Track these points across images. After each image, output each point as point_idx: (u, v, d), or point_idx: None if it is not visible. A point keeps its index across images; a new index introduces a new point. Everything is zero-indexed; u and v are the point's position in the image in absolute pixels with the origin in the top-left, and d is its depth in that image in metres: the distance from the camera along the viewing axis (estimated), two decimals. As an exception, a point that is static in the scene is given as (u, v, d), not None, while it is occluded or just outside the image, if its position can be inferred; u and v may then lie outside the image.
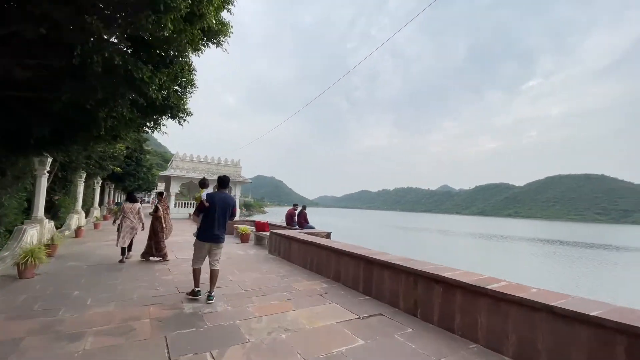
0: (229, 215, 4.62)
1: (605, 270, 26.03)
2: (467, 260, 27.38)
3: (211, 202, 4.45)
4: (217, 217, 4.44)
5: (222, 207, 4.49)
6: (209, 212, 4.43)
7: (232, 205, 4.67)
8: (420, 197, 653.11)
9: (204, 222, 4.50)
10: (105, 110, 5.19)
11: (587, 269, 25.92)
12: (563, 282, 19.77)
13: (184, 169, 25.20)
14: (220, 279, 5.52)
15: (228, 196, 4.68)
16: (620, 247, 47.79)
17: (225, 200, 4.56)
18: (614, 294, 17.06)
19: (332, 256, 5.66)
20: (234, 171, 27.72)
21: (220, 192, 4.64)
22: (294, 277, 5.83)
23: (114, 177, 23.35)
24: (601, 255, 35.98)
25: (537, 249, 40.96)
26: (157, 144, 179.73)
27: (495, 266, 24.32)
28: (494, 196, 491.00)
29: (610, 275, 24.02)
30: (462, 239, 51.62)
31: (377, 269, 4.60)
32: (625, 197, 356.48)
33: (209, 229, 4.44)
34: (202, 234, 4.49)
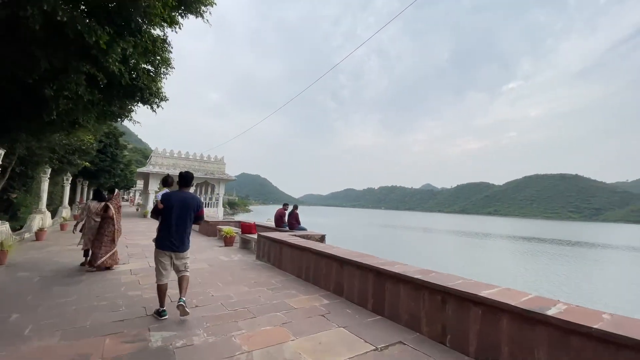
0: (191, 218, 3.92)
1: (597, 269, 26.52)
2: (456, 259, 27.31)
3: (167, 203, 3.79)
4: (176, 221, 3.76)
5: (181, 210, 3.81)
6: (165, 215, 3.79)
7: (195, 207, 3.95)
8: (404, 196, 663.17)
9: (161, 227, 3.85)
10: (54, 88, 4.16)
11: (579, 267, 26.38)
12: (558, 282, 19.80)
13: (163, 166, 23.79)
14: (201, 294, 4.63)
15: (190, 196, 3.96)
16: (599, 244, 49.79)
17: (185, 201, 3.86)
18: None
19: (333, 265, 4.86)
20: (218, 168, 26.48)
21: (180, 192, 3.94)
22: (287, 289, 4.99)
23: (87, 174, 21.66)
24: (581, 253, 37.10)
25: (520, 246, 41.87)
26: (138, 140, 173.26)
27: (486, 265, 24.29)
28: (475, 195, 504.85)
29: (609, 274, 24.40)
30: (449, 237, 52.20)
31: (391, 283, 3.84)
32: (597, 196, 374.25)
33: (167, 236, 3.77)
34: (160, 241, 3.81)
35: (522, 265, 26.18)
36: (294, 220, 8.97)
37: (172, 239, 3.74)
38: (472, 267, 23.32)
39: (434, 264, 22.73)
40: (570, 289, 17.85)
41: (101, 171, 20.94)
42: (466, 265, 23.85)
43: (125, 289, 4.93)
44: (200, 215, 4.06)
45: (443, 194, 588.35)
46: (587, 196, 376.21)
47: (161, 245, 3.78)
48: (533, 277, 20.95)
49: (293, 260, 6.00)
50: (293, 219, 8.97)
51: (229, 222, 12.63)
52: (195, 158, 25.74)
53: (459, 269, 21.51)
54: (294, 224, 8.95)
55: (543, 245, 43.46)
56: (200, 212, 4.04)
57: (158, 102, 5.97)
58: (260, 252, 7.41)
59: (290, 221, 9.01)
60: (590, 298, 15.99)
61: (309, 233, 8.21)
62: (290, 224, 9.03)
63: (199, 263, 6.91)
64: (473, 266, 23.70)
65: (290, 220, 9.01)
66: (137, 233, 12.39)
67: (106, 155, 20.72)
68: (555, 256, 32.72)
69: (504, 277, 19.59)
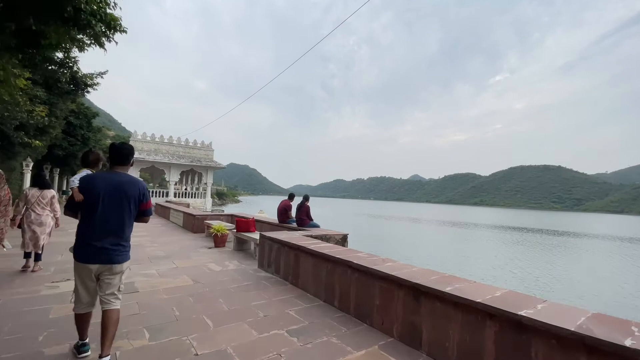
0: (132, 213, 2.55)
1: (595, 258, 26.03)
2: (450, 250, 26.13)
3: (90, 191, 2.42)
4: (102, 218, 2.40)
5: (112, 200, 2.44)
6: (87, 210, 2.42)
7: (136, 197, 2.54)
8: (393, 186, 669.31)
9: (81, 227, 2.45)
10: None
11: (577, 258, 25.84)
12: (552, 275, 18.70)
13: (143, 151, 21.32)
14: (174, 349, 2.67)
15: (128, 180, 2.55)
16: (587, 234, 50.61)
17: (119, 188, 2.47)
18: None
19: (397, 295, 2.98)
20: (205, 155, 24.17)
21: (110, 173, 2.55)
22: (321, 332, 3.08)
23: (54, 160, 19.07)
24: (571, 243, 37.03)
25: (510, 236, 41.60)
26: (122, 129, 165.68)
27: (489, 258, 23.17)
28: (462, 185, 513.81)
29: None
30: (442, 229, 51.67)
31: (544, 343, 1.99)
32: (579, 187, 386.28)
33: (89, 240, 2.39)
34: (78, 249, 2.42)
35: (517, 257, 25.29)
36: (304, 215, 7.02)
37: (96, 244, 2.36)
38: (476, 260, 22.14)
39: (430, 258, 21.79)
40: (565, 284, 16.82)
41: (71, 156, 18.41)
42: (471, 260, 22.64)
43: (53, 307, 2.93)
44: (146, 210, 2.66)
45: (431, 184, 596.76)
46: (569, 187, 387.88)
47: (80, 254, 2.40)
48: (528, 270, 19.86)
49: (318, 275, 4.10)
50: (303, 214, 7.02)
51: (219, 215, 10.61)
52: (180, 143, 23.30)
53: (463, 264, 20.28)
54: (304, 220, 7.00)
55: (534, 236, 43.51)
56: (146, 205, 2.63)
57: (110, 33, 3.85)
58: (264, 258, 5.48)
59: (299, 216, 7.05)
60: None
61: (326, 232, 6.30)
62: (299, 220, 7.07)
63: (180, 276, 4.93)
64: (476, 259, 22.52)
65: (299, 215, 7.05)
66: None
67: (76, 138, 18.15)
68: (548, 247, 32.31)
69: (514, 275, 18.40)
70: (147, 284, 4.50)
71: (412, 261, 18.81)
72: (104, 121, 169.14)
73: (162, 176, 24.10)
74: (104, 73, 13.35)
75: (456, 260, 21.56)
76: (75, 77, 12.55)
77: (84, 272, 2.40)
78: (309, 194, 8.19)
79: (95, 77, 13.17)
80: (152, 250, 7.02)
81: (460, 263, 20.54)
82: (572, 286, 16.28)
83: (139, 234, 9.25)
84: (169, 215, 13.92)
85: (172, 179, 22.29)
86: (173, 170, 22.31)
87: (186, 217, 11.05)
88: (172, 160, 21.94)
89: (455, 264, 19.88)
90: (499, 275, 17.45)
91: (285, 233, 5.78)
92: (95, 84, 13.22)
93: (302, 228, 6.88)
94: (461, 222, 65.57)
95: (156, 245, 7.59)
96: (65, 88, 12.04)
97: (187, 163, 22.44)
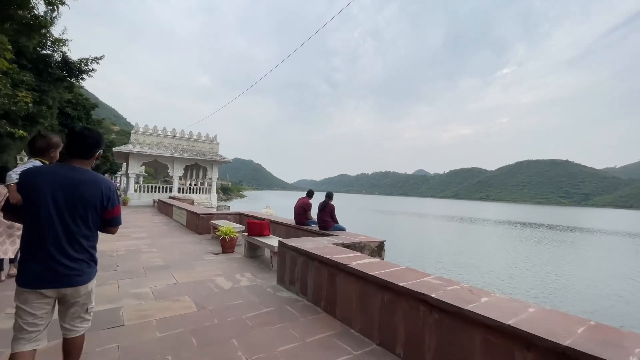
0: (92, 222, 1.80)
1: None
2: (470, 246, 24.94)
3: (31, 190, 1.69)
4: (52, 226, 1.68)
5: (65, 205, 1.71)
6: (30, 214, 1.70)
7: (97, 201, 1.80)
8: (397, 181, 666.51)
9: (24, 239, 1.73)
10: None
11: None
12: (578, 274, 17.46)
13: (145, 144, 20.33)
14: None
15: (87, 179, 1.78)
16: (602, 230, 49.21)
17: (75, 188, 1.73)
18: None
19: (514, 355, 1.85)
20: (210, 148, 23.13)
21: (65, 168, 1.77)
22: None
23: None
24: (591, 240, 35.69)
25: (530, 232, 40.28)
26: (127, 124, 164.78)
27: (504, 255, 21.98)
28: (467, 180, 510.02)
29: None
30: (451, 224, 50.45)
31: None
32: (587, 181, 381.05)
33: (35, 257, 1.68)
34: (23, 270, 1.69)
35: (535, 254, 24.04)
36: (327, 217, 5.89)
37: (45, 262, 1.68)
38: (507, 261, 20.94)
39: (450, 258, 20.69)
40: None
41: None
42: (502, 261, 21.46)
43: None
44: (111, 219, 1.91)
45: (435, 179, 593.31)
46: (577, 181, 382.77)
47: (24, 277, 1.69)
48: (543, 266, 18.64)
49: (367, 306, 2.98)
50: (327, 215, 5.88)
51: (226, 214, 9.53)
52: (184, 136, 22.25)
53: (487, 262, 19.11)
54: (328, 222, 5.87)
55: (548, 232, 42.25)
56: (111, 213, 1.88)
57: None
58: (285, 272, 4.38)
59: (322, 217, 5.92)
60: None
61: (358, 238, 5.15)
62: (322, 222, 5.94)
63: (181, 298, 3.85)
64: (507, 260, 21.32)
65: (322, 217, 5.92)
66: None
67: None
68: (566, 244, 31.05)
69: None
70: (137, 311, 3.43)
71: (442, 264, 17.69)
72: (109, 116, 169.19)
73: (166, 171, 23.14)
74: (99, 58, 12.25)
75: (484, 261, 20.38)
76: (68, 61, 11.48)
77: (26, 299, 1.69)
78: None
79: (91, 63, 12.08)
80: (150, 257, 5.97)
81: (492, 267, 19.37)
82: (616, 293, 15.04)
83: (136, 236, 8.22)
84: (171, 213, 12.92)
85: (175, 173, 21.31)
86: (177, 165, 21.32)
87: (190, 216, 10.02)
88: (176, 154, 20.93)
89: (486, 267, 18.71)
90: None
91: (309, 240, 4.66)
92: (91, 70, 12.15)
93: (326, 232, 5.76)
94: (472, 218, 64.25)
95: (154, 251, 6.54)
96: (56, 74, 10.98)
97: (191, 157, 21.42)
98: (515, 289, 13.72)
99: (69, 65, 11.49)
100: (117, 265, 5.33)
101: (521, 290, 13.78)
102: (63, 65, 11.47)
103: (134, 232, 8.85)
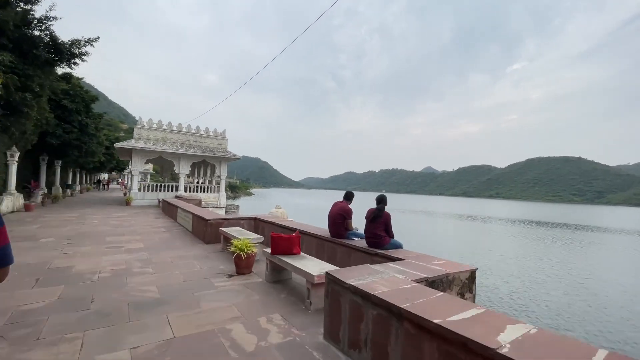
0: None
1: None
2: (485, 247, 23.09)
3: None
4: None
5: None
6: None
7: None
8: (405, 179, 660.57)
9: None
10: None
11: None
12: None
13: (149, 140, 18.96)
14: None
15: None
16: (625, 230, 46.88)
17: None
18: None
19: None
20: (219, 144, 21.69)
21: None
22: None
23: (50, 150, 16.88)
24: (615, 240, 33.61)
25: (550, 232, 38.20)
26: (135, 122, 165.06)
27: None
28: (476, 178, 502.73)
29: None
30: (464, 222, 48.46)
31: None
32: (600, 179, 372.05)
33: None
34: None
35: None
36: (382, 230, 4.23)
37: None
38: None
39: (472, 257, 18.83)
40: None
41: (67, 145, 16.15)
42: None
43: None
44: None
45: (444, 176, 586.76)
46: (589, 179, 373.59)
47: None
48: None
49: None
50: (381, 227, 4.22)
51: (239, 220, 7.97)
52: (191, 131, 20.83)
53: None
54: (382, 239, 4.22)
55: (568, 232, 40.12)
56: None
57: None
58: (340, 325, 2.79)
59: (373, 231, 4.27)
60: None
61: (441, 267, 3.51)
62: (373, 237, 4.30)
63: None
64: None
65: (373, 230, 4.26)
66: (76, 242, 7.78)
67: (72, 124, 15.84)
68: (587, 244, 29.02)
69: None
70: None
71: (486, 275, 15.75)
72: (118, 115, 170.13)
73: (172, 168, 21.81)
74: (94, 40, 10.79)
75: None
76: (57, 42, 10.03)
77: None
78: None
79: (84, 45, 10.63)
80: (141, 282, 4.45)
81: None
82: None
83: (130, 247, 6.73)
84: (176, 215, 11.47)
85: (182, 171, 19.93)
86: (183, 162, 19.93)
87: (196, 221, 8.52)
88: (182, 150, 19.52)
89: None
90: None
91: (370, 272, 3.04)
92: (84, 53, 10.68)
93: (379, 251, 4.14)
94: (485, 217, 62.11)
95: (149, 272, 5.02)
96: (43, 56, 9.55)
97: (198, 153, 20.00)
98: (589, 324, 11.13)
99: (59, 47, 10.04)
100: (93, 298, 3.82)
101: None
102: (52, 46, 10.03)
103: (129, 242, 7.38)
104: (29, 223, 9.84)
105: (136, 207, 16.55)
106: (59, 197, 17.84)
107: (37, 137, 14.32)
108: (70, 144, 16.13)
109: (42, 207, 14.57)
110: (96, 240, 7.39)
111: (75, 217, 11.72)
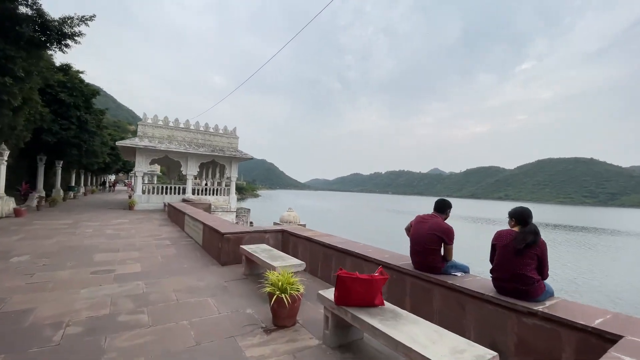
0: None
1: None
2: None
3: None
4: None
5: None
6: None
7: None
8: (412, 180, 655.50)
9: None
10: None
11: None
12: None
13: (154, 138, 17.42)
14: None
15: None
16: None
17: None
18: None
19: None
20: (229, 143, 20.09)
21: None
22: None
23: (47, 149, 15.45)
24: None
25: (569, 236, 36.00)
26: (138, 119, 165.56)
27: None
28: (485, 179, 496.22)
29: None
30: (481, 225, 46.30)
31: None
32: (613, 180, 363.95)
33: None
34: None
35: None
36: (532, 271, 2.46)
37: None
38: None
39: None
40: None
41: (65, 144, 14.68)
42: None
43: None
44: None
45: (452, 178, 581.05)
46: (602, 180, 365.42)
47: None
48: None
49: None
50: (530, 267, 2.44)
51: (263, 233, 6.24)
52: (199, 129, 19.27)
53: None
54: (533, 285, 2.45)
55: (587, 236, 37.91)
56: None
57: None
58: None
59: (514, 269, 2.52)
60: None
61: None
62: (512, 280, 2.56)
63: None
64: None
65: (518, 269, 2.49)
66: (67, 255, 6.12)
67: (70, 120, 14.36)
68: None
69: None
70: None
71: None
72: (127, 117, 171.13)
73: (179, 169, 20.30)
74: (89, 18, 9.20)
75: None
76: (45, 19, 8.46)
77: None
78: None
79: (77, 24, 9.06)
80: (128, 348, 2.74)
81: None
82: None
83: (123, 271, 5.03)
84: (183, 223, 9.83)
85: (189, 172, 18.37)
86: (191, 162, 18.38)
87: (208, 234, 6.83)
88: (190, 149, 17.96)
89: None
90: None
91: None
92: (77, 33, 9.12)
93: (532, 307, 2.38)
94: (496, 219, 59.74)
95: (143, 324, 3.30)
96: (27, 35, 8.01)
97: (207, 153, 18.43)
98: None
99: (47, 24, 8.47)
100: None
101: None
102: (39, 25, 8.46)
103: (122, 262, 5.71)
104: (11, 233, 8.28)
105: (140, 212, 15.00)
106: (57, 200, 16.39)
107: (30, 134, 12.86)
108: (68, 141, 14.67)
109: (36, 212, 13.10)
110: (82, 260, 5.74)
111: (69, 224, 10.16)
